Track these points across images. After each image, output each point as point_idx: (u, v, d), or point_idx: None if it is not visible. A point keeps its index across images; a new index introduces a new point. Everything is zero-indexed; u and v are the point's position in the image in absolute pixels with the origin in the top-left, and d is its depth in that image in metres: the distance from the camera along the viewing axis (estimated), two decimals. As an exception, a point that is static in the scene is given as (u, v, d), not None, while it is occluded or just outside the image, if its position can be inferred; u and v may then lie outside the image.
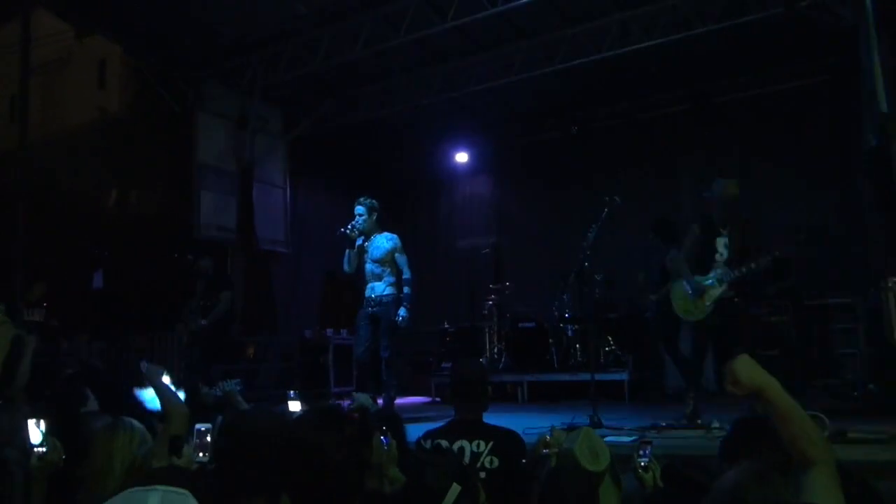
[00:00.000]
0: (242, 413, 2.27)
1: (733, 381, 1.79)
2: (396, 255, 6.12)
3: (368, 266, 6.15)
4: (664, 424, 4.55)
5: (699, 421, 4.68)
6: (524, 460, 2.85)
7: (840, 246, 8.51)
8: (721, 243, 5.20)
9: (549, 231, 10.49)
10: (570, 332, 8.11)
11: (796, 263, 8.63)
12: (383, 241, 6.14)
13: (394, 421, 2.99)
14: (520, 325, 8.29)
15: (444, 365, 9.24)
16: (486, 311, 9.17)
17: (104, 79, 17.48)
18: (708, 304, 5.09)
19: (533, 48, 8.58)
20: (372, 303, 6.12)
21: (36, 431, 2.44)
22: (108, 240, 10.99)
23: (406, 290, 6.10)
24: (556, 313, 8.30)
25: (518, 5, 7.34)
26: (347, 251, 6.13)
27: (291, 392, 4.19)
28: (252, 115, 9.40)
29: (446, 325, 9.85)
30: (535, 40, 8.47)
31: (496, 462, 2.96)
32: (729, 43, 8.26)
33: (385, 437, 2.84)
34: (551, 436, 2.54)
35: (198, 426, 2.57)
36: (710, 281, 5.10)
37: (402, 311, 6.01)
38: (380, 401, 5.68)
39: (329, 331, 9.75)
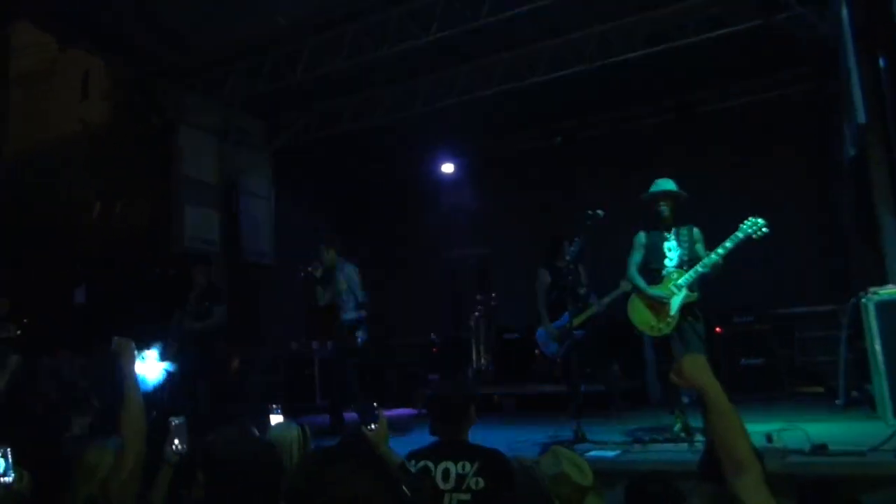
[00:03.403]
0: (228, 443, 2.19)
1: (678, 372, 1.94)
2: (349, 283, 6.65)
3: (336, 298, 6.76)
4: (648, 438, 4.55)
5: (693, 435, 4.60)
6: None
7: (823, 254, 8.61)
8: (668, 247, 5.04)
9: (534, 242, 10.50)
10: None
11: (777, 272, 8.75)
12: (339, 273, 6.74)
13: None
14: (506, 336, 8.29)
15: (430, 377, 9.22)
16: (472, 322, 9.17)
17: (87, 91, 17.33)
18: (672, 314, 4.88)
19: (515, 60, 8.61)
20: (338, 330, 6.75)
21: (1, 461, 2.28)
22: (91, 254, 10.88)
23: (361, 313, 6.64)
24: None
25: (500, 18, 7.37)
26: (317, 288, 6.83)
27: (274, 406, 4.17)
28: (234, 127, 9.37)
29: (433, 337, 9.83)
30: (518, 52, 8.51)
31: (481, 483, 2.94)
32: (711, 54, 8.34)
33: (370, 414, 2.85)
34: (539, 467, 2.52)
35: (171, 419, 2.68)
36: (668, 289, 4.90)
37: (359, 335, 6.58)
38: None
39: (315, 343, 9.70)
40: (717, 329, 7.77)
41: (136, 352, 2.86)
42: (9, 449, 2.27)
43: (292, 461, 3.05)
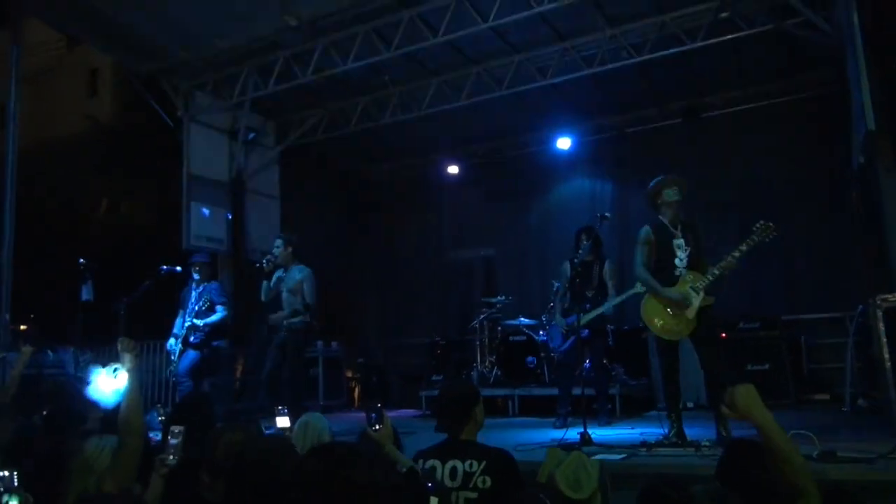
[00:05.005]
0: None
1: (731, 404, 1.96)
2: (304, 285, 6.58)
3: (284, 295, 6.65)
4: (654, 442, 4.52)
5: (700, 442, 4.56)
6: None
7: (831, 261, 8.56)
8: (677, 244, 4.91)
9: (540, 244, 10.50)
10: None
11: (784, 279, 8.73)
12: (296, 273, 6.64)
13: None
14: (511, 338, 8.28)
15: (434, 378, 9.22)
16: (477, 324, 9.15)
17: (95, 88, 17.40)
18: (691, 317, 4.71)
19: (524, 63, 8.61)
20: (282, 328, 6.62)
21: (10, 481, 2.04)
22: (98, 250, 10.91)
23: (304, 317, 6.57)
24: (546, 327, 8.29)
25: (509, 21, 7.37)
26: (264, 282, 6.66)
27: (280, 408, 4.16)
28: (243, 127, 9.40)
29: (437, 338, 9.82)
30: (527, 55, 8.52)
31: (489, 482, 2.94)
32: (719, 59, 8.35)
33: (374, 415, 2.84)
34: (548, 456, 2.52)
35: (172, 427, 2.61)
36: (687, 291, 4.73)
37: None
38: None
39: (319, 343, 9.70)
40: (723, 334, 7.74)
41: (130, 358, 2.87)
42: (16, 473, 2.05)
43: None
